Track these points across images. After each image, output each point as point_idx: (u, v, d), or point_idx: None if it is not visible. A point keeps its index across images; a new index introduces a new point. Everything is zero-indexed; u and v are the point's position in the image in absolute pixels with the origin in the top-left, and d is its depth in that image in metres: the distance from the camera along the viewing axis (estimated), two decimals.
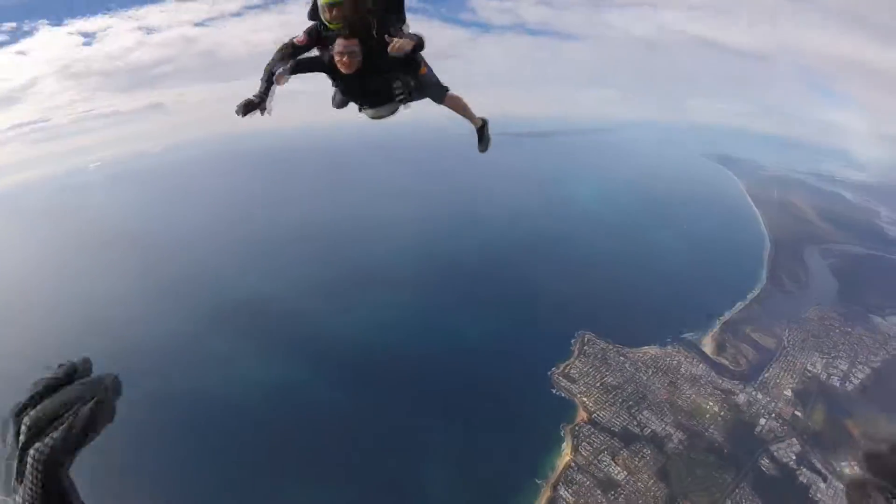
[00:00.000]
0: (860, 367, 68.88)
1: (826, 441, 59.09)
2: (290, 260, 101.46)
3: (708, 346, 72.33)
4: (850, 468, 55.91)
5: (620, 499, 53.94)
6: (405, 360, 70.62)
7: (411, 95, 6.83)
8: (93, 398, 1.77)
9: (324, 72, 6.47)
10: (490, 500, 52.65)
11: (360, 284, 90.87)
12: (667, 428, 60.46)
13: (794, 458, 57.21)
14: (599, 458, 57.39)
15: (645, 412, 62.38)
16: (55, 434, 1.67)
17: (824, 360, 69.75)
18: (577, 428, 60.57)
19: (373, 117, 7.45)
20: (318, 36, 6.61)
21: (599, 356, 70.12)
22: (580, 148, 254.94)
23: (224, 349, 72.80)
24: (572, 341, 72.50)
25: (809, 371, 68.17)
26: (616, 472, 56.13)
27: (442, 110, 7.30)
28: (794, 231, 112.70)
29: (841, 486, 54.01)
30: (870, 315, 79.38)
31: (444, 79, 7.04)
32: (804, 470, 55.90)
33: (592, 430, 60.35)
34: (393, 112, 7.34)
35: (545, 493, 54.02)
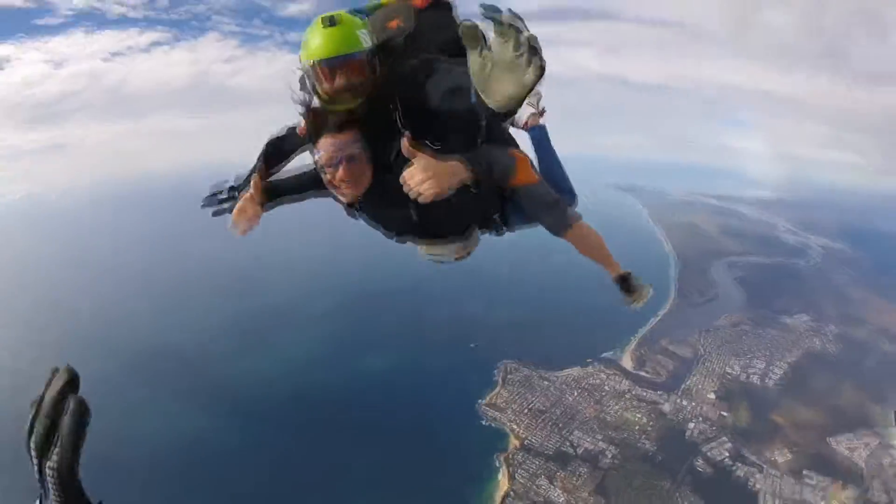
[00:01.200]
0: (777, 364, 71.42)
1: (755, 435, 60.48)
2: (202, 302, 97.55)
3: (627, 361, 73.05)
4: (783, 456, 57.37)
5: None
6: (325, 400, 68.31)
7: (498, 228, 4.66)
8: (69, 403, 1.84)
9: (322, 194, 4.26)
10: None
11: (275, 322, 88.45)
12: (599, 444, 59.96)
13: (727, 455, 57.93)
14: (537, 482, 56.23)
15: (576, 432, 61.85)
16: (57, 449, 1.74)
17: (742, 362, 71.70)
18: (510, 456, 59.34)
19: (428, 257, 4.82)
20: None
21: (524, 383, 69.57)
22: None
23: (139, 398, 68.51)
24: (495, 371, 71.75)
25: (729, 374, 69.81)
26: (555, 494, 55.04)
27: None
28: (699, 249, 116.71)
29: (777, 473, 55.42)
30: (779, 317, 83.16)
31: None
32: (739, 465, 56.72)
33: (526, 455, 59.19)
34: (465, 252, 4.79)
35: None
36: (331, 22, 3.54)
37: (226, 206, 4.51)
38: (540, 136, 5.44)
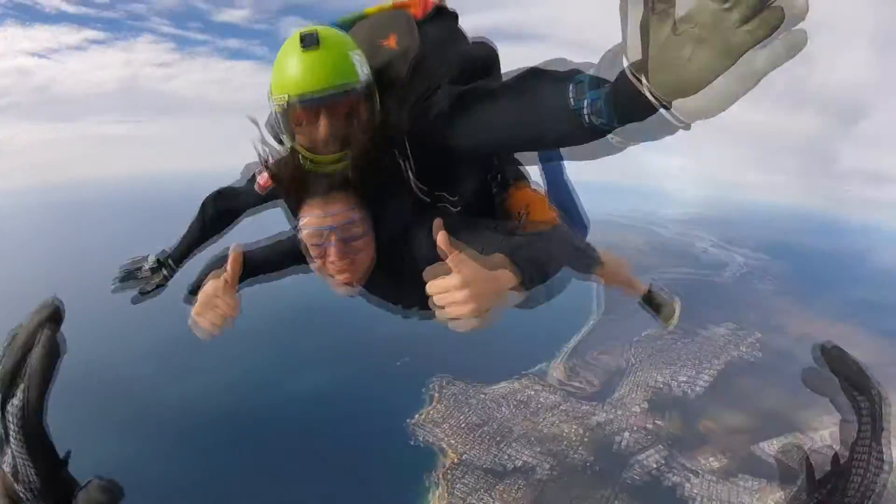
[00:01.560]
0: (704, 373, 72.89)
1: (686, 442, 61.37)
2: (123, 321, 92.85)
3: (558, 373, 73.40)
4: (716, 461, 58.63)
5: None
6: (249, 424, 66.45)
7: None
8: (41, 335, 1.67)
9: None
10: None
11: (194, 344, 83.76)
12: (536, 457, 59.63)
13: (662, 463, 58.55)
14: (475, 497, 55.65)
15: (513, 445, 61.46)
16: (22, 386, 1.59)
17: (670, 372, 72.85)
18: (448, 472, 58.61)
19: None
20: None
21: (459, 397, 69.08)
22: None
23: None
24: (429, 386, 71.16)
25: (658, 384, 70.80)
26: None
27: None
28: None
29: (711, 478, 56.55)
30: (703, 327, 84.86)
31: None
32: (674, 471, 57.41)
33: (464, 471, 58.60)
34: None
35: None
36: (313, 41, 2.52)
37: (153, 289, 3.86)
38: (555, 170, 4.07)
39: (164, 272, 3.87)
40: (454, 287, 2.07)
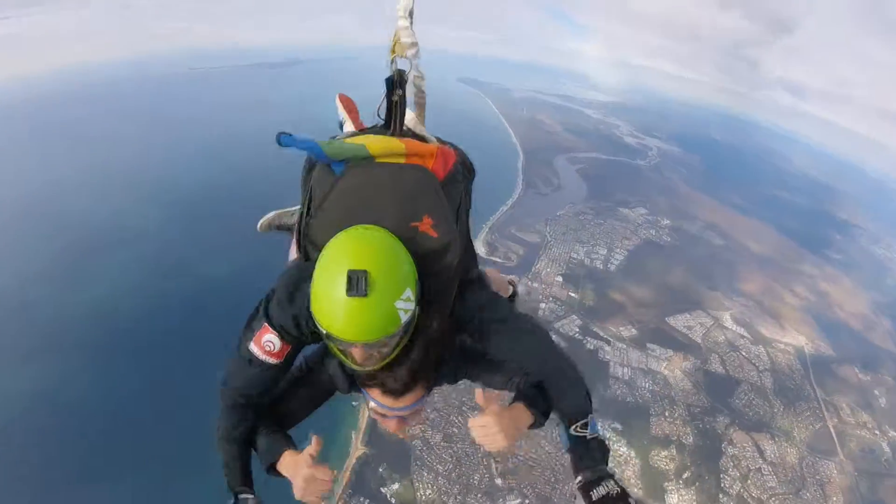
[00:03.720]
0: (617, 251, 75.38)
1: (600, 313, 63.28)
2: (15, 238, 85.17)
3: (480, 248, 72.15)
4: (628, 331, 60.81)
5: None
6: (173, 331, 60.76)
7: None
8: None
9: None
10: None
11: (95, 250, 77.72)
12: None
13: (577, 330, 59.94)
14: None
15: None
16: None
17: (585, 248, 74.40)
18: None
19: None
20: (299, 343, 2.88)
21: None
22: (321, 75, 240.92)
23: None
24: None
25: (574, 259, 72.01)
26: None
27: None
28: (544, 143, 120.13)
29: (623, 346, 58.75)
30: (618, 208, 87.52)
31: None
32: (589, 339, 58.98)
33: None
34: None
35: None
36: (362, 291, 2.28)
37: None
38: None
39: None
40: (489, 423, 2.81)
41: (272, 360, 2.83)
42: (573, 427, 2.94)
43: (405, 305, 2.42)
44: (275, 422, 3.24)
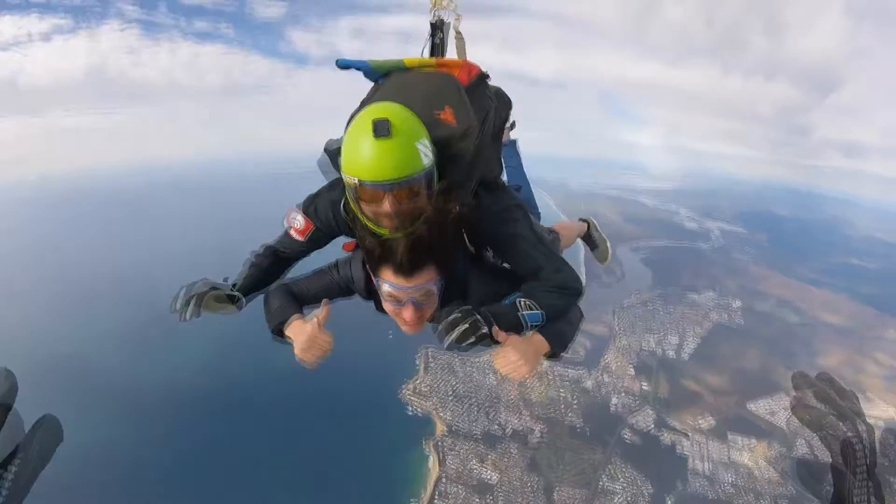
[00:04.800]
0: (689, 338, 73.28)
1: (676, 404, 61.89)
2: (100, 308, 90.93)
3: None
4: (706, 422, 59.18)
5: (499, 500, 52.45)
6: (236, 397, 65.90)
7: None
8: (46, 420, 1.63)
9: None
10: None
11: (171, 324, 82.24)
12: (527, 423, 59.39)
13: (652, 425, 58.87)
14: (468, 465, 55.22)
15: (502, 413, 61.01)
16: (18, 461, 1.49)
17: (656, 337, 72.98)
18: (439, 441, 57.97)
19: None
20: (328, 235, 3.75)
21: (446, 368, 68.02)
22: None
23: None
24: (416, 357, 69.80)
25: (644, 349, 70.76)
26: (487, 475, 54.27)
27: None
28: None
29: (702, 438, 57.01)
30: (687, 294, 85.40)
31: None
32: (665, 432, 57.74)
33: (455, 440, 58.00)
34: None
35: None
36: (385, 131, 2.78)
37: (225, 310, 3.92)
38: (510, 152, 5.51)
39: (238, 302, 3.91)
40: (510, 354, 3.09)
41: (297, 237, 3.64)
42: (522, 305, 3.23)
43: (425, 150, 2.90)
44: (293, 297, 3.79)
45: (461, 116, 3.14)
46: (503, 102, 3.69)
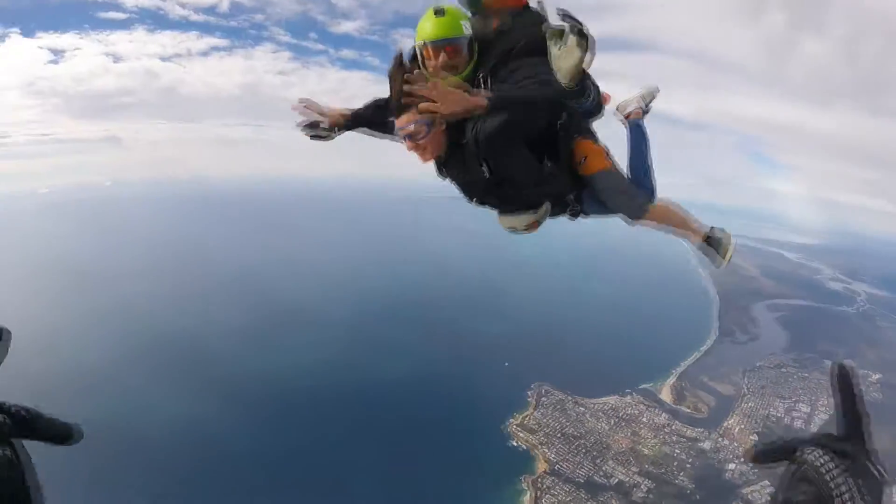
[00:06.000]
0: (821, 409, 68.43)
1: None
2: (221, 301, 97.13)
3: (667, 395, 70.16)
4: None
5: None
6: (341, 405, 66.64)
7: (573, 211, 4.98)
8: None
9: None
10: None
11: (289, 325, 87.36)
12: (634, 477, 57.24)
13: (768, 499, 54.30)
14: None
15: (609, 462, 59.04)
16: None
17: (786, 405, 68.90)
18: (538, 480, 56.60)
19: (505, 226, 5.15)
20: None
21: (558, 407, 66.80)
22: None
23: (143, 382, 67.67)
24: (528, 392, 68.91)
25: (772, 416, 67.08)
26: None
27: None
28: (741, 289, 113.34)
29: None
30: (824, 360, 79.06)
31: None
32: None
33: (555, 481, 56.51)
34: (533, 224, 5.03)
35: None
36: (440, 13, 4.30)
37: (323, 135, 5.04)
38: (636, 131, 5.60)
39: (336, 131, 5.04)
40: (430, 91, 3.63)
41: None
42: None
43: (466, 27, 4.30)
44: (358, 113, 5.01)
45: (502, 26, 4.48)
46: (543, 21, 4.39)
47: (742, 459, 59.35)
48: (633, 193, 4.81)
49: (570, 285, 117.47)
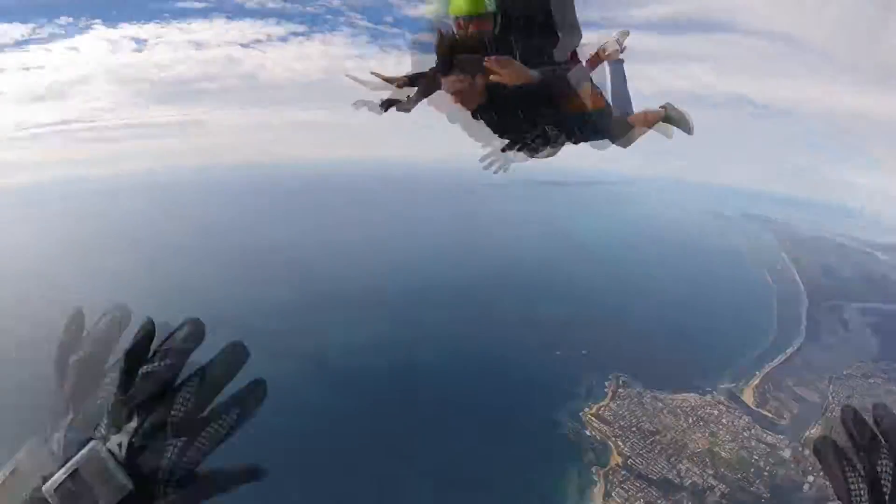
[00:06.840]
0: None
1: None
2: (284, 282, 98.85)
3: (749, 397, 68.16)
4: None
5: None
6: (413, 383, 67.84)
7: (577, 136, 5.99)
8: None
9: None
10: None
11: (331, 309, 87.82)
12: (708, 479, 56.06)
13: None
14: None
15: (685, 461, 57.95)
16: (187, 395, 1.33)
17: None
18: (610, 472, 56.27)
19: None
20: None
21: (635, 400, 66.04)
22: (603, 199, 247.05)
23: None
24: (606, 383, 68.41)
25: None
26: None
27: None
28: (833, 290, 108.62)
29: None
30: None
31: None
32: None
33: (627, 475, 55.98)
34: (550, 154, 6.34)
35: None
36: None
37: (405, 105, 6.19)
38: (616, 70, 6.62)
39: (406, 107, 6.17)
40: (498, 62, 4.59)
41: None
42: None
43: (491, 5, 5.33)
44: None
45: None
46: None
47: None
48: (617, 115, 6.26)
49: (645, 272, 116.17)
